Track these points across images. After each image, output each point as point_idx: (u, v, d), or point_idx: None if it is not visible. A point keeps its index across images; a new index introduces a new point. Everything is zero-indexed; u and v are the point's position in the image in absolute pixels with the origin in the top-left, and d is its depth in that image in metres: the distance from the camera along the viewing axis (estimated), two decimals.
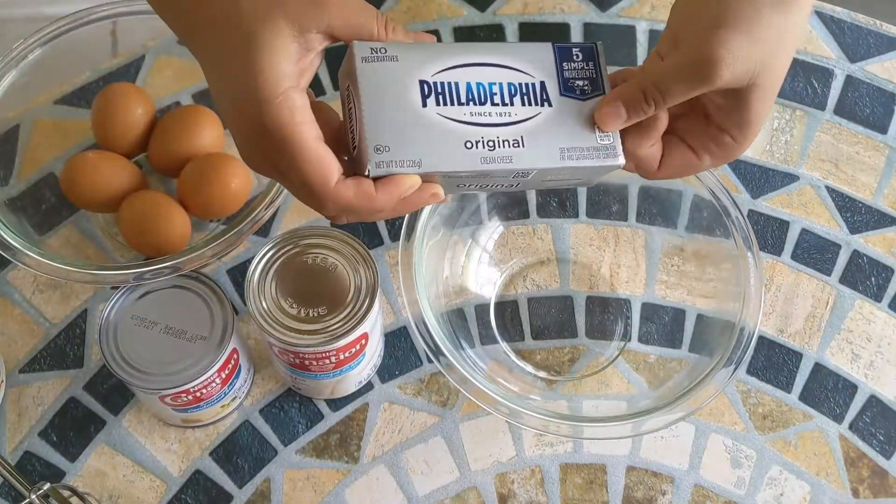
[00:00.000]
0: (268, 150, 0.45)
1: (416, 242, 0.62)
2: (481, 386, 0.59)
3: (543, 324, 0.69)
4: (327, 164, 0.45)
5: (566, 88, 0.51)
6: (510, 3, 0.80)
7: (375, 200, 0.46)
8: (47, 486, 0.60)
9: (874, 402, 0.68)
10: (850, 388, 0.69)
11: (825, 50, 0.79)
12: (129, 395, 0.67)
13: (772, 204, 0.74)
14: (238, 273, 0.71)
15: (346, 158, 0.48)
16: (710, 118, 0.53)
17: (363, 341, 0.61)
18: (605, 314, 0.70)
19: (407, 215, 0.63)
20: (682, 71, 0.50)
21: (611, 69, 0.53)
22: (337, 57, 0.50)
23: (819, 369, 0.69)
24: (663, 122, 0.53)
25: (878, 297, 0.71)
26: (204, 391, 0.60)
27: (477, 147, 0.49)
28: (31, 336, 0.68)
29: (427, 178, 0.48)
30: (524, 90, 0.50)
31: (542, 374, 0.68)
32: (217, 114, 0.69)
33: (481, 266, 0.70)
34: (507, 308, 0.70)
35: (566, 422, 0.59)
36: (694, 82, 0.49)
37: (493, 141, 0.49)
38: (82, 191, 0.67)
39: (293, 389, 0.67)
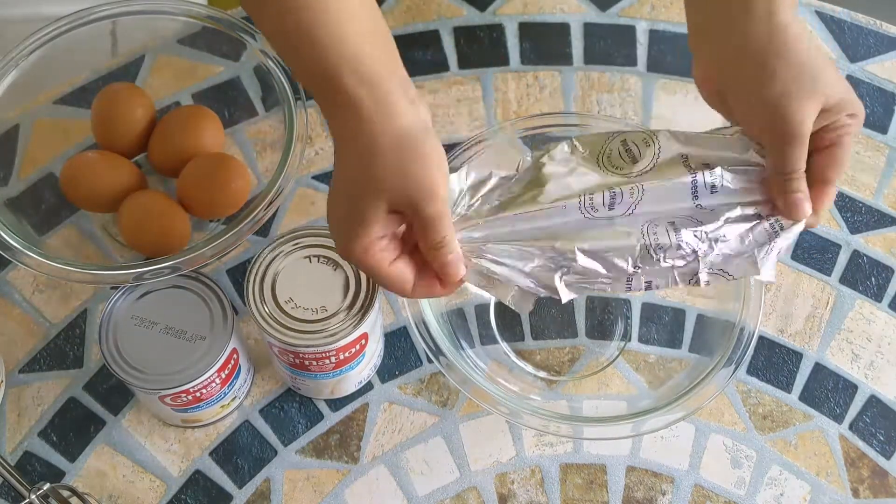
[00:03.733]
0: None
1: None
2: (481, 386, 0.59)
3: (543, 324, 0.69)
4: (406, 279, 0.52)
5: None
6: (510, 2, 0.80)
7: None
8: (47, 486, 0.60)
9: (874, 402, 0.68)
10: (851, 388, 0.69)
11: (825, 50, 0.79)
12: (129, 395, 0.67)
13: None
14: (238, 273, 0.70)
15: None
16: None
17: (363, 341, 0.60)
18: (605, 314, 0.70)
19: None
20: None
21: (612, 70, 0.52)
22: None
23: (819, 369, 0.69)
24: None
25: (878, 297, 0.71)
26: (204, 391, 0.60)
27: None
28: (31, 336, 0.68)
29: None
30: None
31: (542, 374, 0.68)
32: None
33: None
34: (507, 308, 0.70)
35: (566, 422, 0.59)
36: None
37: None
38: (82, 191, 0.67)
39: (293, 389, 0.67)
